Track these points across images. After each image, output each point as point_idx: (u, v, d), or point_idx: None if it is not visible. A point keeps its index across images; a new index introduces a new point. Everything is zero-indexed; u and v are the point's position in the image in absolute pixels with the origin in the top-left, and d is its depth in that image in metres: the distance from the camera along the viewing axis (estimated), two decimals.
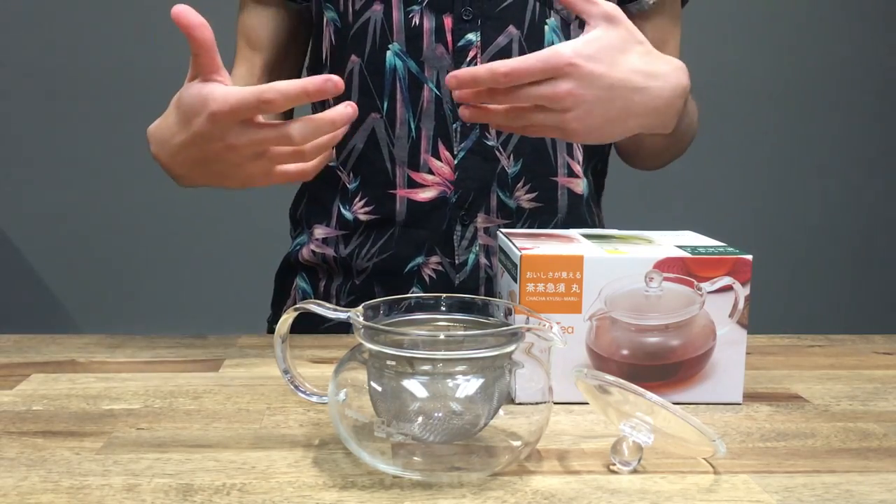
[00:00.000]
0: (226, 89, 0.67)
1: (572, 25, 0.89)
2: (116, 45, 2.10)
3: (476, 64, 0.87)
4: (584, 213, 0.94)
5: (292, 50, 0.99)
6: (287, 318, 0.58)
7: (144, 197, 2.15)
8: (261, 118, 0.68)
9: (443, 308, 0.60)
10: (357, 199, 0.91)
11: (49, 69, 2.10)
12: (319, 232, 0.94)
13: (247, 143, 0.68)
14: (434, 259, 0.90)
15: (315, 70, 0.97)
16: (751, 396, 0.69)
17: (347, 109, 0.68)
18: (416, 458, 0.54)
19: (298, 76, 1.01)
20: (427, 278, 0.90)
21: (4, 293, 2.17)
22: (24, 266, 2.18)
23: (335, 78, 0.66)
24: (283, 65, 0.99)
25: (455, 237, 0.89)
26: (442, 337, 0.55)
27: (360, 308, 0.56)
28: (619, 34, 0.70)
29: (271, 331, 1.03)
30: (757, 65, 2.28)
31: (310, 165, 0.74)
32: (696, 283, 0.65)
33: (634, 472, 0.54)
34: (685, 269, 0.65)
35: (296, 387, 0.60)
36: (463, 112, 0.73)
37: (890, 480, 0.54)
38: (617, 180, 1.36)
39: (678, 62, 0.74)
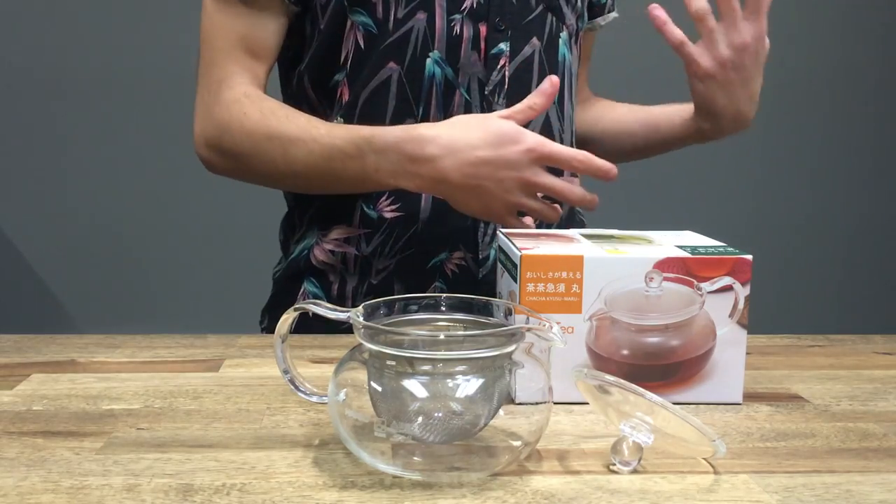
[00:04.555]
0: (539, 137, 0.79)
1: (574, 38, 0.98)
2: (117, 45, 2.10)
3: (504, 73, 0.91)
4: (579, 210, 1.00)
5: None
6: (287, 318, 0.58)
7: (144, 197, 2.15)
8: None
9: (443, 308, 0.59)
10: (383, 197, 0.91)
11: (49, 69, 2.10)
12: (339, 232, 0.93)
13: (538, 182, 0.79)
14: (458, 254, 0.92)
15: (319, 69, 0.94)
16: (751, 396, 0.69)
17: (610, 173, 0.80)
18: (416, 458, 0.54)
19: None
20: (450, 273, 0.92)
21: (4, 293, 2.17)
22: (24, 266, 2.18)
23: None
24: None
25: (479, 232, 0.92)
26: (442, 337, 0.55)
27: (360, 308, 0.55)
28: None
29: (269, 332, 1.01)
30: None
31: (554, 215, 0.83)
32: (696, 283, 0.65)
33: (634, 472, 0.54)
34: (685, 269, 0.65)
35: (296, 387, 0.60)
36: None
37: (890, 480, 0.54)
38: (617, 180, 1.35)
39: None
